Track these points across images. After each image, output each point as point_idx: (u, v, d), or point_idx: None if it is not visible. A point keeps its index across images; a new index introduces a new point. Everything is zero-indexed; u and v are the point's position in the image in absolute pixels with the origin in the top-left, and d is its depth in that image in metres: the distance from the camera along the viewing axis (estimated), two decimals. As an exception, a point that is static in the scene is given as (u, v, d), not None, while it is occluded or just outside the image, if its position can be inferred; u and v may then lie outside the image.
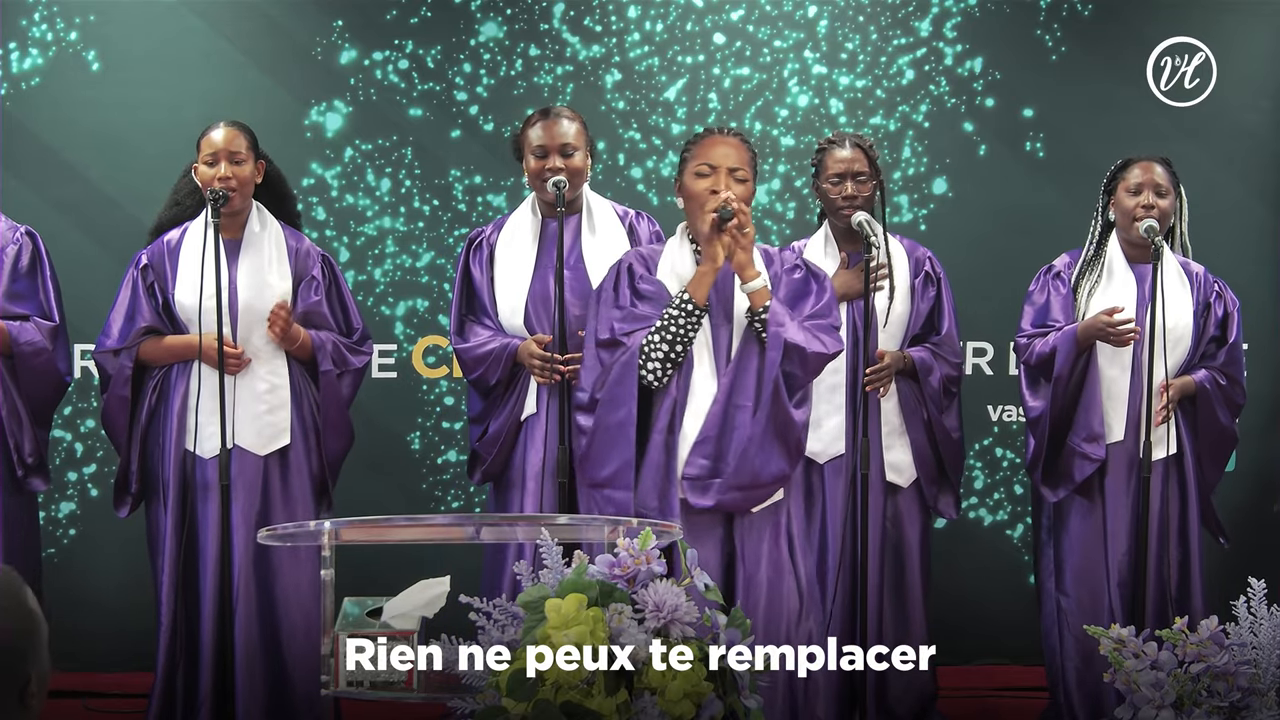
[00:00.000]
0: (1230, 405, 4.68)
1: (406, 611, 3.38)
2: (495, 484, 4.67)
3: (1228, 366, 4.67)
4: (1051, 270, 4.79)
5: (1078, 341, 4.61)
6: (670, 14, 5.75)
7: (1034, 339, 4.71)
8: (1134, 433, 4.56)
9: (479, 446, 4.64)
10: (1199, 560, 4.67)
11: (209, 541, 4.46)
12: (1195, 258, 4.79)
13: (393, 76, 5.69)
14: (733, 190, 3.93)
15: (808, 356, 3.88)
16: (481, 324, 4.62)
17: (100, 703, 5.18)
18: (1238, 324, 4.72)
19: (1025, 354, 4.74)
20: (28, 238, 4.62)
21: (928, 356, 4.73)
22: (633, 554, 3.09)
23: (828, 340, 3.94)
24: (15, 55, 5.58)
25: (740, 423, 3.87)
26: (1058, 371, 4.63)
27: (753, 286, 3.91)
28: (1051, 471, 4.71)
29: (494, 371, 4.54)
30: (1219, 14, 5.80)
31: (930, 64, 5.78)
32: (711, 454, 3.86)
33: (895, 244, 4.79)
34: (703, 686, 3.00)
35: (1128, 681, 3.23)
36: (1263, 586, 3.28)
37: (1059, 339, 4.63)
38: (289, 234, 4.65)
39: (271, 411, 4.52)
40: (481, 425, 4.64)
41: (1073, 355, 4.62)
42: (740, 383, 3.89)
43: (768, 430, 3.85)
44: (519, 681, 2.96)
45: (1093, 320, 4.57)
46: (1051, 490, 4.71)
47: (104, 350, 4.56)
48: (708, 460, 3.87)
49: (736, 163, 3.96)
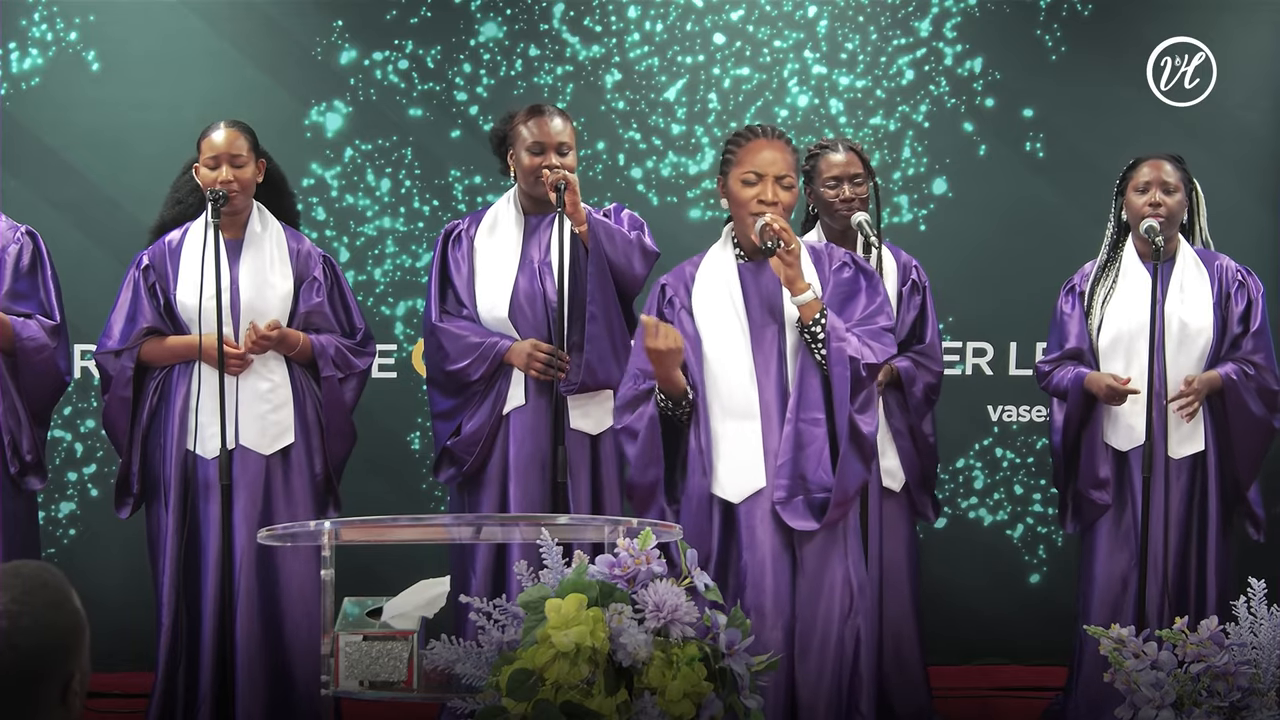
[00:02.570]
0: (1263, 394, 4.63)
1: (406, 611, 3.38)
2: (465, 483, 4.62)
3: (1254, 354, 4.64)
4: (1069, 285, 4.82)
5: (1084, 391, 4.66)
6: (670, 14, 5.75)
7: (1054, 367, 4.76)
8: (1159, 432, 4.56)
9: (455, 446, 4.58)
10: (1215, 564, 4.66)
11: (210, 541, 4.46)
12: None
13: (393, 76, 5.69)
14: (780, 198, 3.88)
15: (866, 367, 3.86)
16: (460, 316, 4.61)
17: (100, 703, 5.18)
18: (1263, 310, 4.69)
19: (1043, 382, 4.81)
20: (28, 237, 4.62)
21: (910, 367, 4.76)
22: (633, 554, 3.09)
23: (877, 348, 3.90)
24: (15, 55, 5.58)
25: (814, 436, 3.85)
26: (1065, 415, 4.72)
27: (804, 299, 3.85)
28: (1067, 502, 4.79)
29: (479, 367, 4.52)
30: (1219, 14, 5.80)
31: (930, 64, 5.78)
32: (791, 474, 3.84)
33: (884, 251, 4.80)
34: (703, 686, 3.00)
35: (1128, 681, 3.23)
36: (1263, 586, 3.28)
37: (1070, 383, 4.69)
38: (290, 234, 4.65)
39: (274, 411, 4.52)
40: (452, 422, 4.59)
41: (1080, 403, 4.68)
42: (807, 398, 3.87)
43: (849, 445, 3.83)
44: (519, 681, 2.96)
45: (1097, 377, 4.62)
46: (1070, 521, 4.80)
47: (105, 351, 4.55)
48: (789, 480, 3.84)
49: (784, 169, 3.90)
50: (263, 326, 4.44)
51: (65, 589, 2.08)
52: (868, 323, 3.93)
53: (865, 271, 4.02)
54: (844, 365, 3.82)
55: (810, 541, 3.85)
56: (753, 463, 3.86)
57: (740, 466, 3.86)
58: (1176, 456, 4.56)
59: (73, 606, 2.08)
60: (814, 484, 3.84)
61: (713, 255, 4.04)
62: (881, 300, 3.98)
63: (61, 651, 2.05)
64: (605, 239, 4.40)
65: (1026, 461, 5.86)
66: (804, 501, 3.83)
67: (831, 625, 3.83)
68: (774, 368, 3.91)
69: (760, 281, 3.95)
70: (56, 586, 2.07)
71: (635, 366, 3.98)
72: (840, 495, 3.82)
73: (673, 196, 5.76)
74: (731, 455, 3.87)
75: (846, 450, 3.83)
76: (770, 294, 3.94)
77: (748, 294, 3.96)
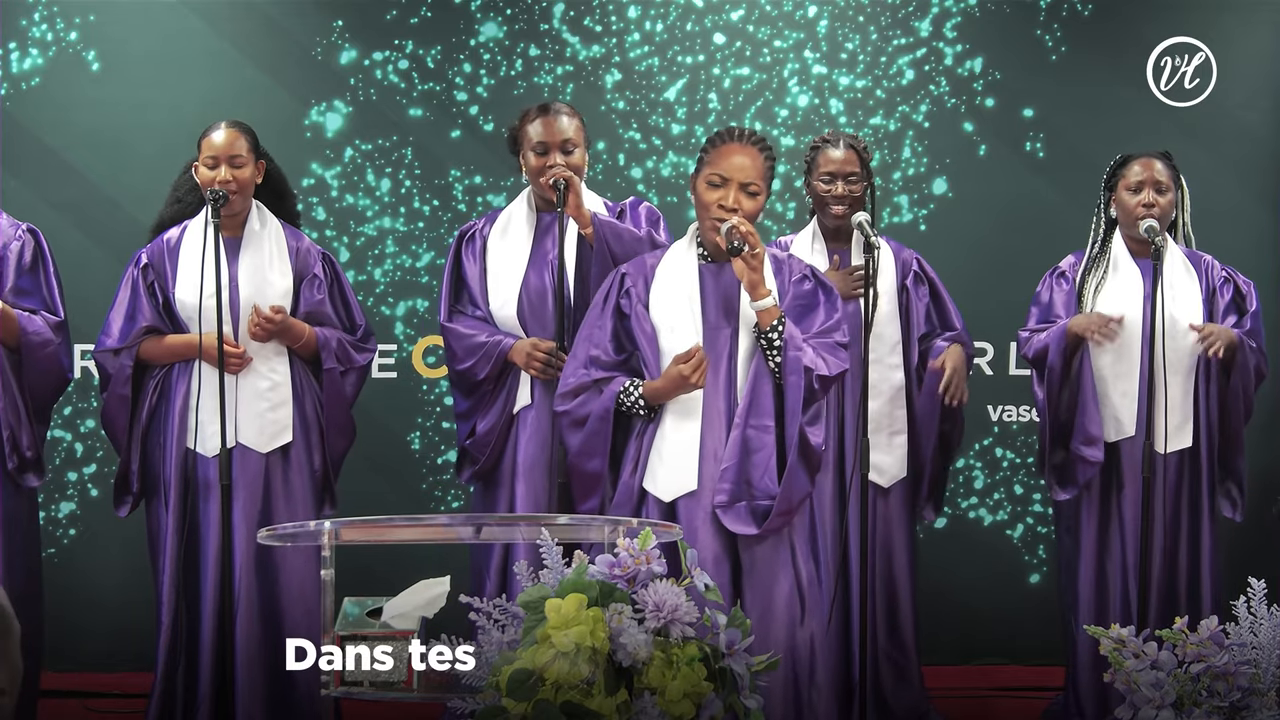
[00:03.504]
0: (1256, 371, 4.66)
1: (406, 611, 3.38)
2: (483, 482, 4.65)
3: (1252, 335, 4.66)
4: (1056, 270, 4.82)
5: (1067, 334, 4.63)
6: (670, 14, 5.75)
7: (1034, 334, 4.74)
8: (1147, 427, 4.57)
9: (471, 446, 4.62)
10: (1209, 560, 4.67)
11: (210, 540, 4.46)
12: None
13: (393, 76, 5.69)
14: (742, 205, 3.89)
15: (819, 379, 3.88)
16: (471, 315, 4.62)
17: (100, 703, 5.18)
18: (1256, 297, 4.72)
19: (1024, 347, 4.78)
20: (30, 235, 4.61)
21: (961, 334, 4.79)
22: (633, 554, 3.10)
23: (833, 361, 3.92)
24: (15, 55, 5.58)
25: (762, 444, 3.87)
26: (1049, 362, 4.66)
27: (764, 305, 3.88)
28: (1057, 470, 4.74)
29: (484, 366, 4.53)
30: (1219, 14, 5.80)
31: (930, 64, 5.78)
32: (735, 478, 3.86)
33: (881, 244, 4.80)
34: (703, 686, 3.01)
35: (1128, 681, 3.23)
36: (1263, 586, 3.28)
37: (1051, 333, 4.67)
38: (289, 233, 4.65)
39: (273, 409, 4.52)
40: (469, 423, 4.62)
41: (1063, 347, 4.65)
42: (758, 404, 3.88)
43: (797, 456, 3.84)
44: (519, 681, 2.96)
45: (1080, 315, 4.59)
46: (1060, 488, 4.74)
47: (104, 350, 4.55)
48: (731, 484, 3.86)
49: (750, 176, 3.91)
50: (268, 310, 4.43)
51: None
52: (824, 336, 3.95)
53: (825, 287, 4.04)
54: (799, 374, 3.84)
55: (755, 546, 3.87)
56: (687, 464, 3.89)
57: (676, 466, 3.89)
58: (1163, 452, 4.56)
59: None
60: (759, 490, 3.85)
61: (675, 251, 4.07)
62: (839, 317, 4.00)
63: None
64: (612, 238, 4.40)
65: (1026, 461, 5.86)
66: (746, 507, 3.85)
67: (781, 636, 3.82)
68: (723, 370, 3.93)
69: (720, 283, 3.98)
70: None
71: (586, 354, 4.00)
72: (784, 504, 3.84)
73: (673, 196, 5.76)
74: (669, 454, 3.90)
75: (794, 461, 3.84)
76: (729, 296, 3.97)
77: (705, 294, 3.98)
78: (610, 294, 4.05)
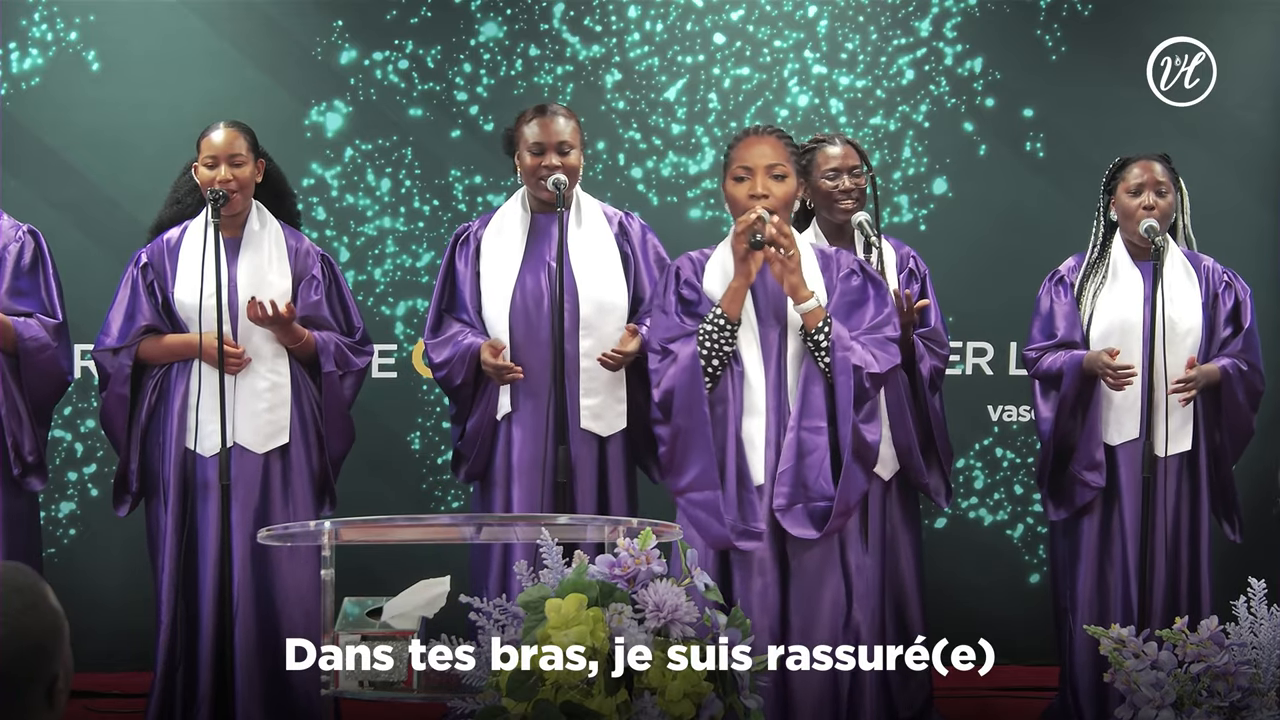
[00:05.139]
0: (1251, 392, 4.66)
1: (406, 611, 3.38)
2: (480, 482, 4.66)
3: (1245, 353, 4.66)
4: (1055, 276, 4.78)
5: (1082, 371, 4.62)
6: (670, 14, 5.75)
7: (1042, 354, 4.72)
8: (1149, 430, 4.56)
9: (460, 446, 4.63)
10: (1208, 561, 4.67)
11: (209, 540, 4.46)
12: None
13: (393, 76, 5.69)
14: (772, 191, 3.88)
15: (869, 377, 3.86)
16: (458, 319, 4.61)
17: (100, 703, 5.18)
18: (1251, 311, 4.70)
19: (1033, 369, 4.76)
20: (29, 236, 4.61)
21: (919, 347, 4.74)
22: (633, 554, 3.09)
23: (883, 357, 3.89)
24: (15, 55, 5.58)
25: (816, 445, 3.85)
26: (1063, 393, 4.65)
27: (807, 307, 3.86)
28: (1055, 489, 4.75)
29: (459, 372, 4.53)
30: (1219, 14, 5.80)
31: (930, 64, 5.78)
32: (793, 481, 3.84)
33: (884, 243, 4.80)
34: (703, 686, 3.00)
35: (1128, 681, 3.23)
36: (1263, 586, 3.28)
37: (1066, 364, 4.64)
38: (288, 233, 4.65)
39: (272, 410, 4.52)
40: (460, 425, 4.63)
41: (1078, 383, 4.64)
42: (810, 406, 3.86)
43: (852, 455, 3.83)
44: (519, 681, 2.96)
45: (1095, 356, 4.58)
46: (1054, 508, 4.75)
47: (103, 349, 4.56)
48: (789, 487, 3.84)
49: (773, 159, 3.90)
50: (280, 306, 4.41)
51: (38, 589, 2.05)
52: (874, 332, 3.92)
53: (874, 280, 4.00)
54: (848, 375, 3.82)
55: (807, 548, 3.85)
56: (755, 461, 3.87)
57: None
58: (1163, 455, 4.56)
59: (48, 606, 2.05)
60: (815, 493, 3.84)
61: (719, 255, 4.04)
62: (890, 311, 3.97)
63: (42, 654, 2.02)
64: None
65: (1026, 461, 5.86)
66: (804, 509, 3.84)
67: (825, 635, 3.81)
68: (774, 370, 3.91)
69: (767, 282, 3.95)
70: (29, 588, 2.04)
71: (659, 341, 3.94)
72: (842, 505, 3.82)
73: (673, 196, 5.76)
74: (756, 449, 3.87)
75: (850, 461, 3.83)
76: (775, 296, 3.94)
77: (755, 293, 3.96)
78: (670, 287, 4.01)
